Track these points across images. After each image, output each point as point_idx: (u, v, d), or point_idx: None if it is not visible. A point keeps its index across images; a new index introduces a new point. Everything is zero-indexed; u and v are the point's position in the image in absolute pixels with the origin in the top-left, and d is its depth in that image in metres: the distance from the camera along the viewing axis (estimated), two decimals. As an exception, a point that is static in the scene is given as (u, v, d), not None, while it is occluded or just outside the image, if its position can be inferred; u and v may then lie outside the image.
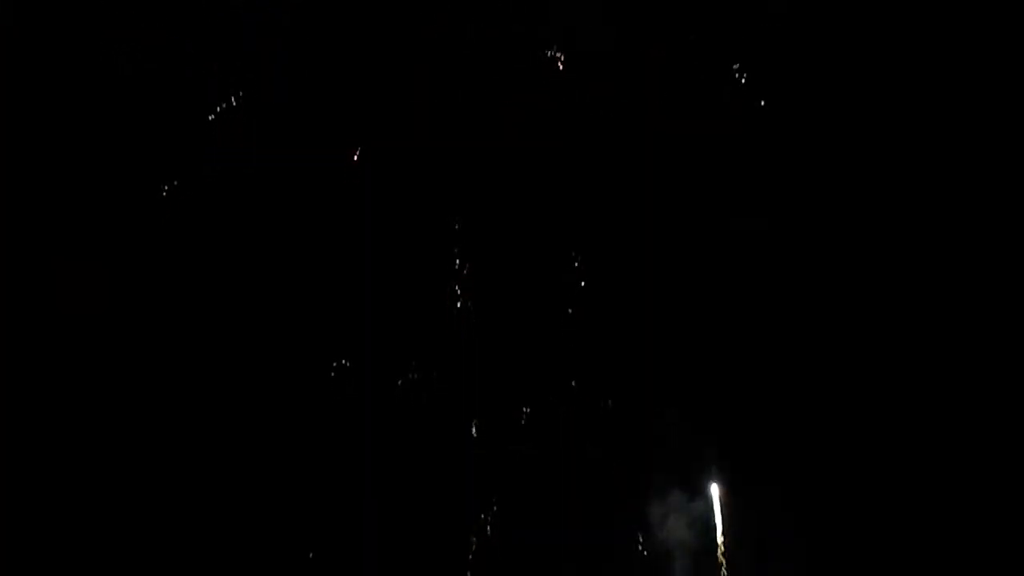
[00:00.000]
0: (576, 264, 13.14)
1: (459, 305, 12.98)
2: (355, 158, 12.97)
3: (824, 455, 12.33)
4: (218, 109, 12.95)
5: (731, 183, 12.93)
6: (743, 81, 13.06)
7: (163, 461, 12.28)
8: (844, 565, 12.15)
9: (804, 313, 12.63)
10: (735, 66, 13.08)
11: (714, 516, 12.53)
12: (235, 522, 12.27)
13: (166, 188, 12.79)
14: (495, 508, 12.63)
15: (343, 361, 12.79)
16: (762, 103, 13.00)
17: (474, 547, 12.53)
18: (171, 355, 12.54)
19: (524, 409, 12.88)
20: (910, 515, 12.07)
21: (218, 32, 13.12)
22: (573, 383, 12.89)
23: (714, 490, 12.57)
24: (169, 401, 12.41)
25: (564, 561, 12.57)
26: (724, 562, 12.45)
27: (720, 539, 12.49)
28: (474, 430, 12.75)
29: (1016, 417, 11.99)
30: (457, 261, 13.06)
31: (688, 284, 12.91)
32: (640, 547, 12.54)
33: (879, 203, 12.68)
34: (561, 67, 13.29)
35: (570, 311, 13.05)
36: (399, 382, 12.84)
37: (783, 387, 12.55)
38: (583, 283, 13.13)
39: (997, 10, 12.37)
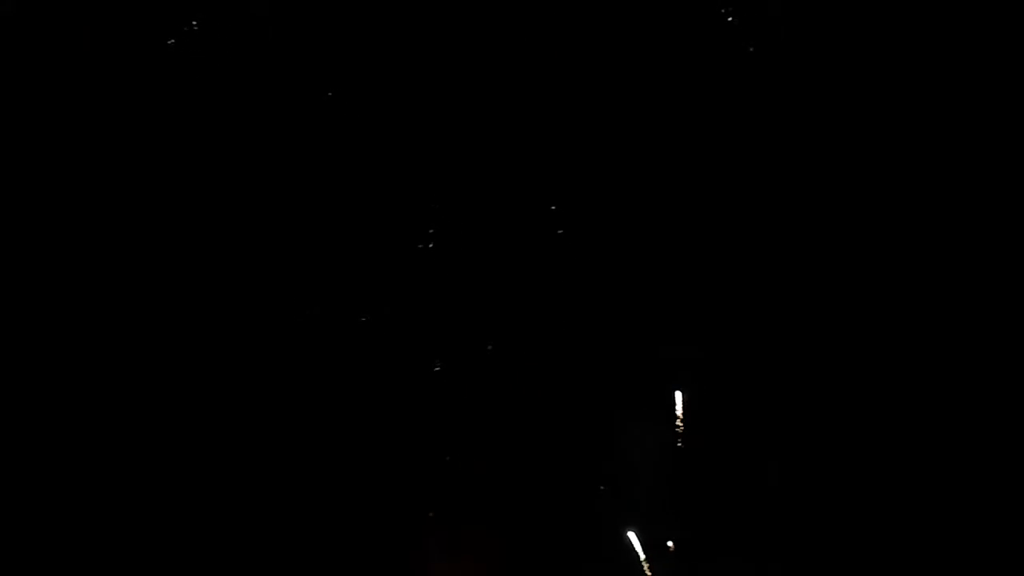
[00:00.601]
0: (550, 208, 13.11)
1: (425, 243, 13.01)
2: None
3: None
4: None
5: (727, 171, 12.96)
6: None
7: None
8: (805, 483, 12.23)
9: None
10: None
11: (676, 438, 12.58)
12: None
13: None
14: (457, 440, 12.71)
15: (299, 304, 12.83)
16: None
17: (436, 481, 12.63)
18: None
19: (487, 346, 12.93)
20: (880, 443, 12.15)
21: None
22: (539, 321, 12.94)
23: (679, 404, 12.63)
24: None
25: (527, 490, 12.67)
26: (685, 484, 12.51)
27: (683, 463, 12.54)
28: (437, 366, 12.83)
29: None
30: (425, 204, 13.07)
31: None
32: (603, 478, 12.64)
33: (878, 199, 12.70)
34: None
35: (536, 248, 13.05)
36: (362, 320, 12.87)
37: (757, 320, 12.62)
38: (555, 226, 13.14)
39: (997, 9, 12.35)
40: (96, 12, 12.94)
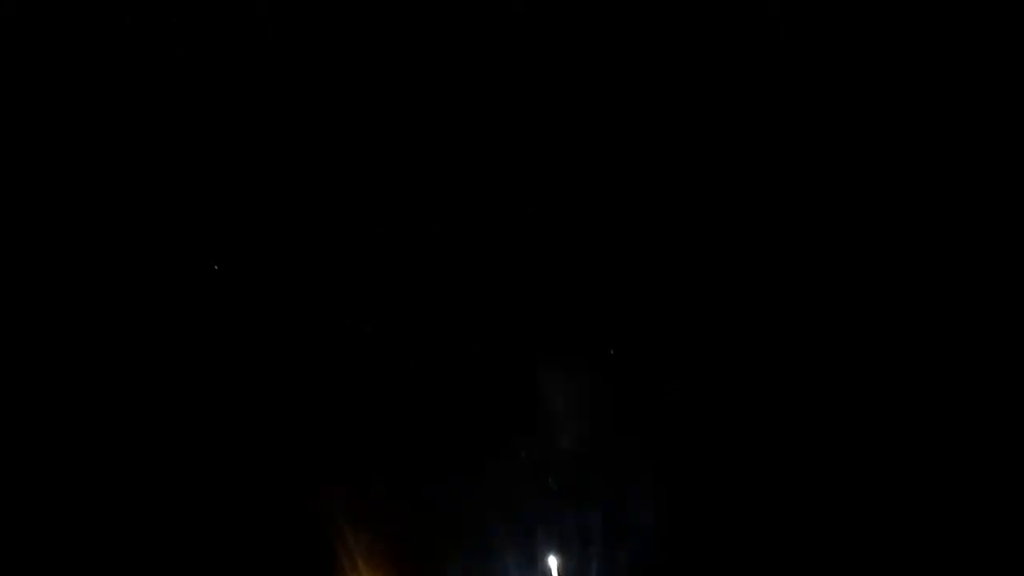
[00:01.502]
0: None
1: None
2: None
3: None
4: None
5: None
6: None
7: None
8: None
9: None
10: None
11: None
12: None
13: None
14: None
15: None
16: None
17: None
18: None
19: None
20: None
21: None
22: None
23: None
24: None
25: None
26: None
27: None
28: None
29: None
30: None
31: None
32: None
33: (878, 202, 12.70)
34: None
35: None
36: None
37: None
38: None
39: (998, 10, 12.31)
40: (96, 12, 13.02)
